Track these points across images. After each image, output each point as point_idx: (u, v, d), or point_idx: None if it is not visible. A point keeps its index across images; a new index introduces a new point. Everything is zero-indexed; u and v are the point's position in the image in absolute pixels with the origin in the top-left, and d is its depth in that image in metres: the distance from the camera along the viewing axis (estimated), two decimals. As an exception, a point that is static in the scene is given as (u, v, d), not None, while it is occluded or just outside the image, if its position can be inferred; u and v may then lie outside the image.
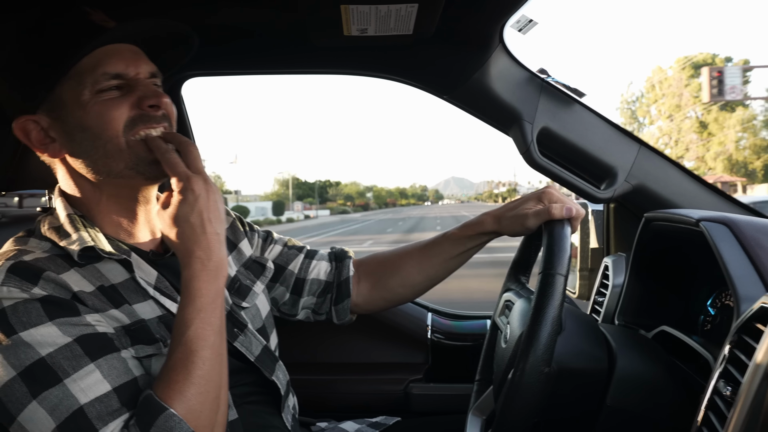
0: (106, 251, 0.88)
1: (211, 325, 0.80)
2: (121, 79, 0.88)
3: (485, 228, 1.16)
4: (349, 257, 1.26)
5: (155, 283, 0.92)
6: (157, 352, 0.86)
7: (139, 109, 0.88)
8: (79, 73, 0.86)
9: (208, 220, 0.83)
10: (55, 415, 0.73)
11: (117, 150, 0.87)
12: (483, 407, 1.13)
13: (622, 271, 1.34)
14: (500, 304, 1.16)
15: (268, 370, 1.04)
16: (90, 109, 0.86)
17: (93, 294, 0.84)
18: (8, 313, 0.76)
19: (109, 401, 0.75)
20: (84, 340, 0.78)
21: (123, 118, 0.87)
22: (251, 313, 1.08)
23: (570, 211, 1.01)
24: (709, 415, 0.76)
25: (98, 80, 0.86)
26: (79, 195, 0.93)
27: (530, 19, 1.19)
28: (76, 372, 0.75)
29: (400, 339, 1.66)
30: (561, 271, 0.86)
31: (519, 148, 1.34)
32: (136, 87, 0.89)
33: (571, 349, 0.90)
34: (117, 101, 0.87)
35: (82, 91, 0.86)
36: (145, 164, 0.89)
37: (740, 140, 35.82)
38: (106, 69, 0.86)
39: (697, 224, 0.95)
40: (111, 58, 0.87)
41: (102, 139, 0.87)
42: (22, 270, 0.80)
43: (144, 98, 0.88)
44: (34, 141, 0.90)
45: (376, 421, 1.35)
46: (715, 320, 1.12)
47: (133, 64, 0.89)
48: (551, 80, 1.34)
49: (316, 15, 1.07)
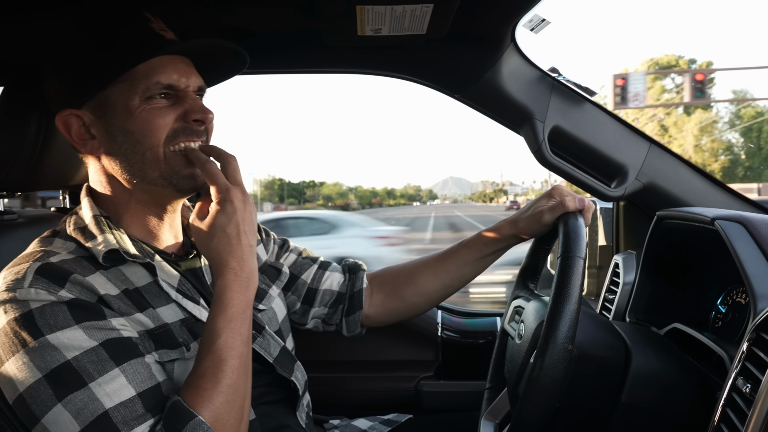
0: (131, 254, 0.88)
1: (240, 334, 0.82)
2: (172, 90, 0.89)
3: (502, 233, 1.18)
4: (362, 270, 1.27)
5: (177, 285, 0.93)
6: (180, 356, 0.87)
7: (183, 122, 0.89)
8: (132, 78, 0.87)
9: (244, 232, 0.84)
10: (79, 418, 0.74)
11: (155, 158, 0.88)
12: (495, 412, 1.14)
13: (632, 268, 1.35)
14: (509, 311, 1.17)
15: (287, 370, 1.05)
16: (137, 114, 0.87)
17: (118, 297, 0.85)
18: (36, 315, 0.77)
19: (133, 406, 0.76)
20: (109, 344, 0.78)
21: (167, 128, 0.88)
22: (268, 315, 1.09)
23: (582, 202, 1.05)
24: (728, 412, 0.77)
25: (150, 88, 0.87)
26: (109, 194, 0.94)
27: (543, 19, 1.19)
28: (101, 376, 0.76)
29: (410, 337, 1.67)
30: (579, 254, 0.89)
31: (530, 146, 1.35)
32: (184, 99, 0.90)
33: (589, 338, 0.92)
34: (164, 111, 0.88)
35: (132, 96, 0.87)
36: (178, 177, 0.90)
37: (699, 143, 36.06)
38: (160, 79, 0.87)
39: (712, 223, 0.96)
40: (166, 68, 0.88)
41: (143, 145, 0.88)
42: (50, 272, 0.80)
43: (191, 112, 0.90)
44: (74, 135, 0.91)
45: (388, 419, 1.36)
46: (726, 317, 1.13)
47: (185, 76, 0.90)
48: (562, 79, 1.35)
49: (331, 15, 1.07)
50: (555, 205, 1.07)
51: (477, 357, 1.60)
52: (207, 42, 0.91)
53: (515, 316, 1.14)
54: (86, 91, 0.88)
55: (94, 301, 0.82)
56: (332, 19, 1.10)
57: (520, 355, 0.97)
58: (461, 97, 1.38)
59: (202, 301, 0.95)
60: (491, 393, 1.20)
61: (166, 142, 0.88)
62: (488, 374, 1.23)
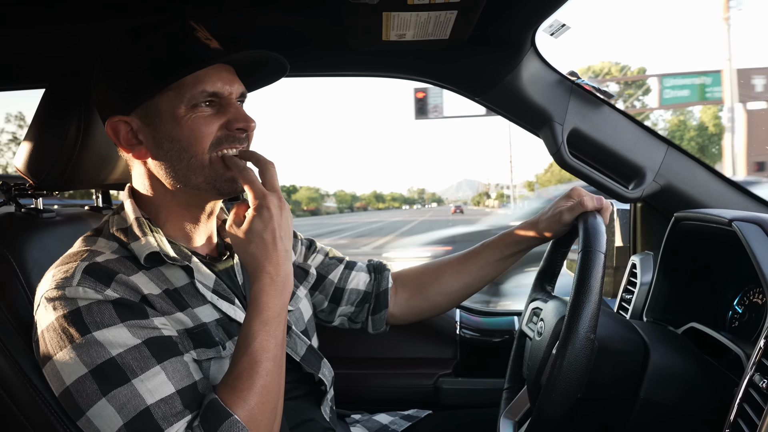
0: (170, 257, 0.92)
1: (275, 337, 0.85)
2: (216, 97, 0.92)
3: (523, 234, 1.21)
4: (387, 269, 1.30)
5: (213, 286, 0.97)
6: (216, 355, 0.90)
7: (226, 130, 0.92)
8: (179, 87, 0.90)
9: (280, 238, 0.87)
10: (123, 413, 0.77)
11: (200, 164, 0.91)
12: (514, 410, 1.16)
13: (649, 269, 1.37)
14: (527, 313, 1.19)
15: (314, 367, 1.08)
16: (183, 123, 0.90)
17: (160, 296, 0.89)
18: (83, 312, 0.81)
19: (173, 402, 0.79)
20: (151, 342, 0.82)
21: (211, 136, 0.91)
22: (295, 316, 1.12)
23: (601, 201, 1.09)
24: (745, 407, 0.79)
25: (196, 96, 0.90)
26: (151, 196, 0.97)
27: (563, 24, 1.22)
28: (143, 373, 0.79)
29: (429, 335, 1.70)
30: (600, 248, 0.91)
31: (549, 148, 1.37)
32: (228, 107, 0.93)
33: (609, 333, 0.94)
34: (209, 119, 0.91)
35: (179, 104, 0.90)
36: (222, 180, 0.93)
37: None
38: (206, 87, 0.90)
39: (729, 224, 0.97)
40: (211, 77, 0.91)
41: (189, 152, 0.91)
42: (97, 271, 0.84)
43: (234, 121, 0.92)
44: (122, 140, 0.94)
45: (408, 414, 1.38)
46: (743, 318, 1.14)
47: (228, 84, 0.93)
48: (581, 82, 1.37)
49: (357, 21, 1.10)
50: (574, 205, 1.10)
51: (494, 355, 1.62)
52: (252, 53, 0.93)
53: (533, 318, 1.17)
54: (135, 99, 0.91)
55: (138, 300, 0.85)
56: (358, 25, 1.13)
57: (541, 351, 0.99)
58: (482, 100, 1.40)
59: (236, 301, 0.99)
60: (509, 393, 1.22)
61: (210, 149, 0.91)
62: (506, 375, 1.25)
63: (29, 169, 1.10)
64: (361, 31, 1.16)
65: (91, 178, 1.19)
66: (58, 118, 1.08)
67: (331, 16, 1.17)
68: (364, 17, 1.08)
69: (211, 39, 0.94)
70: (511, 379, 1.24)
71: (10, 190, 1.14)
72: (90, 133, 1.10)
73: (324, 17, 1.19)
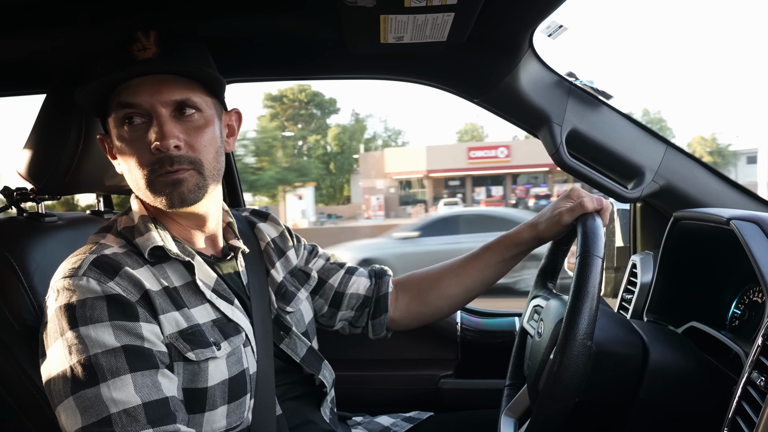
0: (173, 252, 0.94)
1: None
2: (136, 108, 0.90)
3: (522, 236, 1.20)
4: (388, 275, 1.30)
5: (213, 286, 0.98)
6: (212, 355, 0.91)
7: (152, 154, 0.90)
8: (114, 104, 0.92)
9: None
10: (85, 415, 0.79)
11: (144, 185, 0.92)
12: (515, 408, 1.17)
13: (649, 269, 1.37)
14: (528, 310, 1.19)
15: (315, 369, 1.09)
16: (120, 145, 0.93)
17: (158, 294, 0.90)
18: (77, 306, 0.83)
19: (136, 415, 0.79)
20: (130, 349, 0.83)
21: (144, 162, 0.90)
22: (296, 317, 1.13)
23: (601, 202, 1.08)
24: (743, 405, 0.79)
25: (117, 110, 0.91)
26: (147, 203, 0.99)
27: (560, 25, 1.22)
28: (112, 378, 0.80)
29: (431, 336, 1.70)
30: (598, 253, 0.91)
31: (548, 149, 1.37)
32: (151, 122, 0.90)
33: (607, 336, 0.94)
34: (136, 144, 0.91)
35: (114, 123, 0.93)
36: (165, 201, 0.92)
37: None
38: (120, 98, 0.90)
39: (727, 223, 0.98)
40: (130, 88, 0.90)
41: (132, 174, 0.93)
42: (103, 264, 0.87)
43: (149, 143, 0.89)
44: (109, 155, 0.98)
45: (410, 416, 1.38)
46: (743, 316, 1.14)
47: (150, 94, 0.89)
48: (579, 83, 1.38)
49: (355, 24, 1.11)
50: (574, 206, 1.09)
51: (495, 356, 1.62)
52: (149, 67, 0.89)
53: (534, 315, 1.17)
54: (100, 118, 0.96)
55: (138, 297, 0.87)
56: (356, 28, 1.13)
57: (540, 352, 0.99)
58: (480, 101, 1.41)
59: (236, 302, 1.00)
60: (511, 390, 1.22)
61: (149, 175, 0.91)
62: (508, 372, 1.25)
63: (30, 174, 1.11)
64: (358, 34, 1.16)
65: (92, 182, 1.21)
66: (59, 123, 1.09)
67: (329, 19, 1.18)
68: (361, 20, 1.08)
69: (147, 49, 0.90)
70: (512, 376, 1.25)
71: (12, 195, 1.15)
72: (91, 137, 1.11)
73: (321, 20, 1.20)
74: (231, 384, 0.93)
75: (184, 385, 0.89)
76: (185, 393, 0.89)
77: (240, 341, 0.96)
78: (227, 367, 0.93)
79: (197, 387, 0.89)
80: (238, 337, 0.96)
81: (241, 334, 0.97)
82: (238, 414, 0.94)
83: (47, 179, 1.10)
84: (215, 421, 0.91)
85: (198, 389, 0.89)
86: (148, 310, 0.87)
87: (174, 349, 0.88)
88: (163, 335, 0.88)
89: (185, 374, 0.89)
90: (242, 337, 0.97)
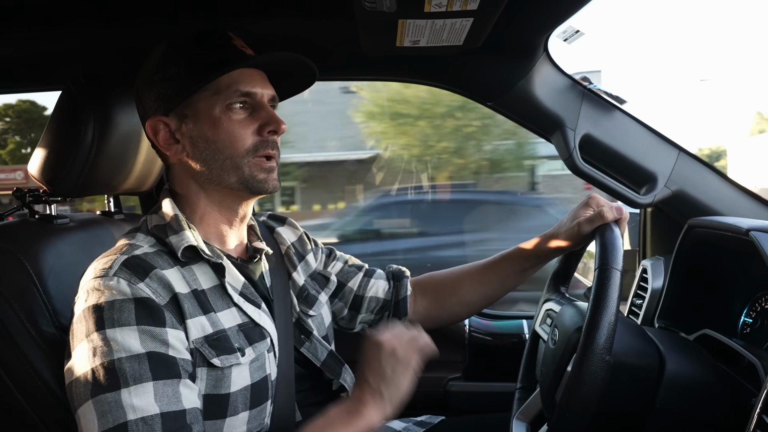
0: (206, 253, 0.93)
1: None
2: (248, 97, 0.96)
3: (541, 247, 1.20)
4: (406, 277, 1.30)
5: (241, 289, 0.97)
6: (236, 362, 0.90)
7: (258, 135, 0.96)
8: (216, 88, 0.93)
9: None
10: (102, 420, 0.78)
11: (234, 166, 0.94)
12: (527, 412, 1.17)
13: (660, 274, 1.36)
14: (540, 313, 1.19)
15: (335, 373, 1.09)
16: (219, 124, 0.94)
17: (187, 296, 0.89)
18: (105, 307, 0.82)
19: (153, 424, 0.79)
20: (154, 356, 0.82)
21: (247, 141, 0.95)
22: (317, 321, 1.12)
23: (620, 211, 1.07)
24: (764, 419, 0.79)
25: (230, 96, 0.93)
26: (187, 196, 0.99)
27: (577, 30, 1.22)
28: (134, 385, 0.79)
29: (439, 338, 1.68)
30: (617, 266, 0.91)
31: (561, 154, 1.37)
32: (260, 109, 0.97)
33: (624, 347, 0.94)
34: (243, 122, 0.95)
35: (215, 104, 0.93)
36: (254, 181, 0.96)
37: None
38: (239, 87, 0.94)
39: (746, 234, 0.97)
40: (245, 78, 0.96)
41: (224, 153, 0.94)
42: (134, 265, 0.86)
43: (266, 124, 0.96)
44: (160, 140, 0.98)
45: (421, 420, 1.38)
46: (755, 324, 1.14)
47: (260, 86, 0.97)
48: (593, 87, 1.37)
49: (372, 28, 1.10)
50: (593, 216, 1.08)
51: (503, 359, 1.62)
52: (283, 55, 0.99)
53: (547, 320, 1.17)
54: (174, 99, 0.95)
55: (167, 300, 0.86)
56: (373, 31, 1.12)
57: (555, 360, 0.99)
58: (494, 105, 1.40)
59: (263, 306, 0.99)
60: (522, 393, 1.22)
61: (246, 154, 0.95)
62: (519, 375, 1.25)
63: (44, 176, 1.10)
64: (375, 37, 1.16)
65: (105, 185, 1.19)
66: (73, 125, 1.08)
67: (345, 22, 1.17)
68: (379, 24, 1.07)
69: (246, 47, 0.99)
70: (523, 379, 1.25)
71: (24, 197, 1.14)
72: (105, 138, 1.10)
73: (337, 23, 1.19)
74: (253, 390, 0.92)
75: (207, 390, 0.88)
76: (207, 399, 0.88)
77: (265, 347, 0.96)
78: (250, 374, 0.92)
79: (220, 393, 0.89)
80: (263, 343, 0.96)
81: (266, 339, 0.97)
82: (258, 420, 0.94)
83: (60, 181, 1.09)
84: (236, 426, 0.91)
85: (220, 395, 0.89)
86: (175, 314, 0.87)
87: (198, 355, 0.88)
88: (188, 341, 0.87)
89: (208, 380, 0.88)
90: (267, 342, 0.97)
